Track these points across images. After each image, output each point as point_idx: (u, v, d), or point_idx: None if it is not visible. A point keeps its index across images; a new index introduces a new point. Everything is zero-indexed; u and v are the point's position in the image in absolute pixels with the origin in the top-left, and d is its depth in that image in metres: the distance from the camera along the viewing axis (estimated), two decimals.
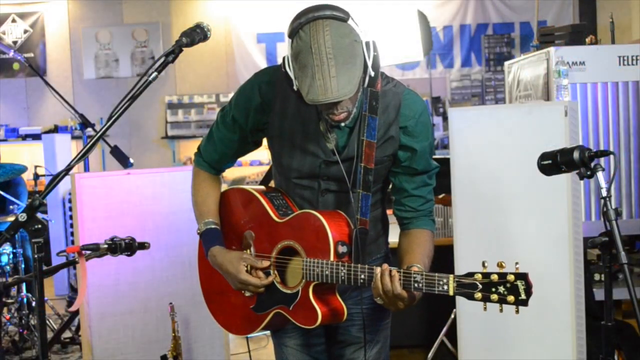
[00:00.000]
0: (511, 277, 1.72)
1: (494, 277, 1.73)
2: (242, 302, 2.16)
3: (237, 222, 2.21)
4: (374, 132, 2.01)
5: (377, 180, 2.10)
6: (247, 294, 2.13)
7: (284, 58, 1.93)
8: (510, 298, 1.71)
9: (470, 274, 1.76)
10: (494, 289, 1.73)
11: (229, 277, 2.11)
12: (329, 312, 2.00)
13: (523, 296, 1.71)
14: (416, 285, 1.82)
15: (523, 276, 1.71)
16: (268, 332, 2.38)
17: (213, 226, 2.18)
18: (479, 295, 1.74)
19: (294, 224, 2.05)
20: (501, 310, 1.75)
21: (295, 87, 1.91)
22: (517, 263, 1.74)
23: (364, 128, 2.01)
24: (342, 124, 2.01)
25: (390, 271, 1.85)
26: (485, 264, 1.76)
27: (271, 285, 2.07)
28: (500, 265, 1.74)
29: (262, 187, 2.26)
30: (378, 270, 1.87)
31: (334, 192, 2.10)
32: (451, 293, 1.77)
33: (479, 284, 1.74)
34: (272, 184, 2.33)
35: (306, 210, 2.05)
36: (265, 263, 2.08)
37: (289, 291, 2.04)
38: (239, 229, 2.20)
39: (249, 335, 2.35)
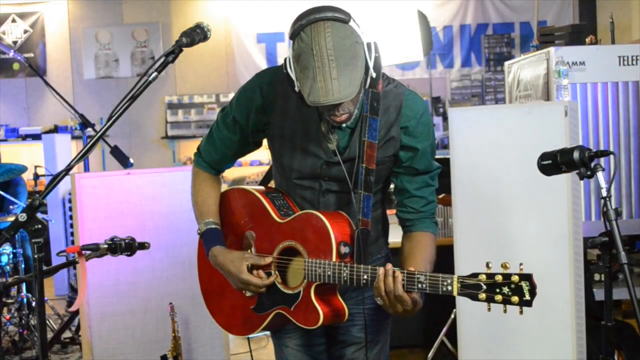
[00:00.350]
0: (515, 278, 1.72)
1: (498, 278, 1.73)
2: (242, 303, 2.16)
3: (237, 223, 2.20)
4: (375, 132, 2.01)
5: (379, 181, 2.10)
6: (248, 294, 2.13)
7: (285, 59, 1.92)
8: (515, 299, 1.71)
9: (475, 275, 1.76)
10: (498, 290, 1.73)
11: (230, 277, 2.11)
12: (330, 313, 2.00)
13: (527, 297, 1.71)
14: (420, 285, 1.82)
15: (527, 277, 1.71)
16: (268, 332, 2.37)
17: (213, 226, 2.17)
18: (483, 295, 1.74)
19: (296, 225, 2.04)
20: (505, 311, 1.75)
21: (296, 89, 1.91)
22: (521, 264, 1.74)
23: (365, 129, 2.01)
24: (343, 125, 2.01)
25: (394, 272, 1.85)
26: (490, 265, 1.76)
27: (272, 285, 2.07)
28: (504, 266, 1.73)
29: (263, 187, 2.26)
30: (382, 270, 1.87)
31: (335, 192, 2.10)
32: (455, 294, 1.77)
33: (483, 284, 1.74)
34: (272, 184, 2.33)
35: (308, 211, 2.04)
36: (268, 260, 2.08)
37: (290, 292, 2.04)
38: (239, 229, 2.20)
39: (249, 336, 2.35)
